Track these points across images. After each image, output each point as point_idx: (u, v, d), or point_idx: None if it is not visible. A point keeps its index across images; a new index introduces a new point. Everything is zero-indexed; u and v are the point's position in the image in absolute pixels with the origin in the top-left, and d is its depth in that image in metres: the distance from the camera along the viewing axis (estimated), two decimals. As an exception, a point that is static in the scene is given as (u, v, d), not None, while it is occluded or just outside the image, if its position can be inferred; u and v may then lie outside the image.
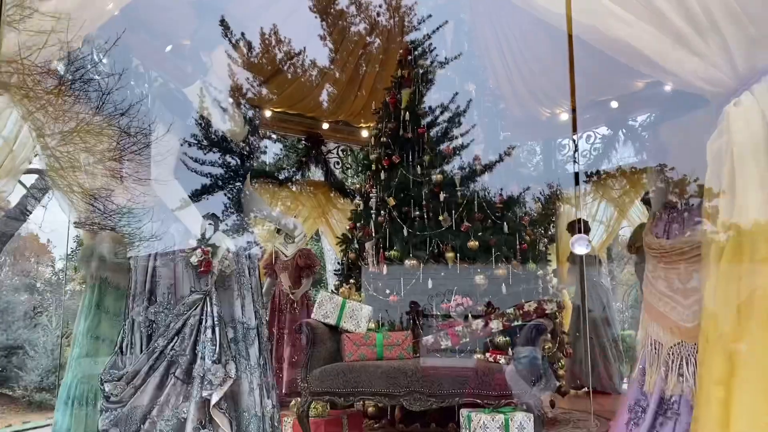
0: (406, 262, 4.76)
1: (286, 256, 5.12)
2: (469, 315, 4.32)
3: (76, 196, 3.23)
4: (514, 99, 6.62)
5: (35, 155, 3.25)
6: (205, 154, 2.96)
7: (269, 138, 7.77)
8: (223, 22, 5.67)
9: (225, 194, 2.93)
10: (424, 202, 5.04)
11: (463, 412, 3.69)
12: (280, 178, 7.12)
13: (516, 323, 4.00)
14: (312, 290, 5.88)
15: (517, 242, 4.87)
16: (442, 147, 5.41)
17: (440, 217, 4.92)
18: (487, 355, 3.96)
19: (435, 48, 5.88)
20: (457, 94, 5.68)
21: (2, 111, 2.78)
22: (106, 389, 2.46)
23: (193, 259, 2.50)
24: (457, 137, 5.56)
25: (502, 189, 5.32)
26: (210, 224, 2.62)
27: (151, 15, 5.51)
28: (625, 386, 6.28)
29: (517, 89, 6.61)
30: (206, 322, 2.50)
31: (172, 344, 2.46)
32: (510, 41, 6.32)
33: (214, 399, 2.41)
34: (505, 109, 6.15)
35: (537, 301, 4.15)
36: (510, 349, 3.91)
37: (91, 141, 3.28)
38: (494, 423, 3.46)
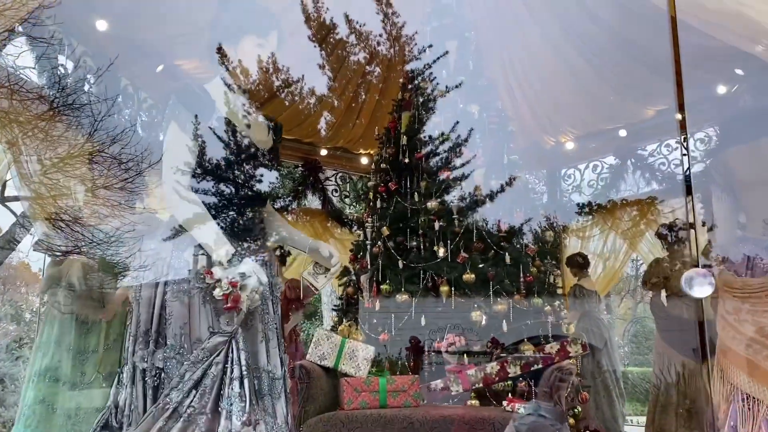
0: (397, 296, 4.49)
1: (316, 290, 4.84)
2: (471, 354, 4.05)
3: (62, 224, 3.05)
4: (518, 125, 6.50)
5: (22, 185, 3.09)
6: (233, 164, 2.42)
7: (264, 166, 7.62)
8: (220, 50, 5.60)
9: (240, 217, 2.39)
10: (420, 232, 4.83)
11: None
12: (276, 206, 6.94)
13: (535, 367, 3.70)
14: (303, 324, 5.59)
15: (521, 274, 4.65)
16: (442, 175, 5.22)
17: (435, 248, 4.71)
18: (504, 404, 3.61)
19: (435, 78, 5.77)
20: (458, 123, 5.55)
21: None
22: None
23: (218, 293, 1.98)
24: (457, 167, 5.42)
25: (500, 219, 5.14)
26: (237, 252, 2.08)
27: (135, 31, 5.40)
28: (626, 428, 6.04)
29: (521, 114, 6.49)
30: (232, 372, 1.99)
31: (189, 400, 1.94)
32: (515, 63, 6.22)
33: None
34: (512, 132, 6.00)
35: (560, 342, 3.84)
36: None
37: (82, 168, 3.13)
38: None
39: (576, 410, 3.77)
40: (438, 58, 5.74)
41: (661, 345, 4.74)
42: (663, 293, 4.72)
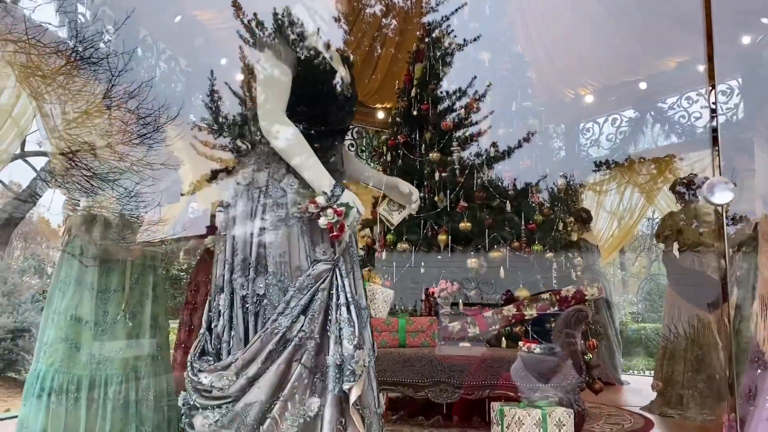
0: (398, 245, 4.60)
1: (391, 226, 4.88)
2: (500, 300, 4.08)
3: (81, 179, 3.10)
4: (537, 77, 6.39)
5: (44, 138, 3.12)
6: (326, 95, 2.22)
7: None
8: (234, 3, 5.52)
9: (330, 150, 2.24)
10: (425, 183, 4.85)
11: (495, 405, 3.39)
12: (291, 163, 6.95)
13: (552, 310, 3.75)
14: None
15: (523, 222, 4.64)
16: (446, 127, 5.16)
17: (435, 198, 4.73)
18: (521, 344, 3.67)
19: (453, 30, 5.66)
20: (475, 78, 5.47)
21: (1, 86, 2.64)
22: (206, 381, 1.94)
23: (323, 221, 1.95)
24: (474, 123, 5.38)
25: (515, 176, 5.12)
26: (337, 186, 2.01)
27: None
28: (624, 377, 6.15)
29: (540, 66, 6.36)
30: (338, 298, 1.99)
31: (299, 325, 1.94)
32: (533, 11, 6.06)
33: (354, 394, 1.91)
34: (530, 78, 5.89)
35: (576, 285, 3.87)
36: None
37: (101, 123, 3.15)
38: (531, 419, 3.16)
39: (588, 356, 3.84)
40: (456, 10, 5.62)
41: (672, 297, 4.78)
42: (675, 246, 4.73)
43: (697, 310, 4.48)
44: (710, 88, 2.29)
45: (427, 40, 5.55)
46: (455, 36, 5.62)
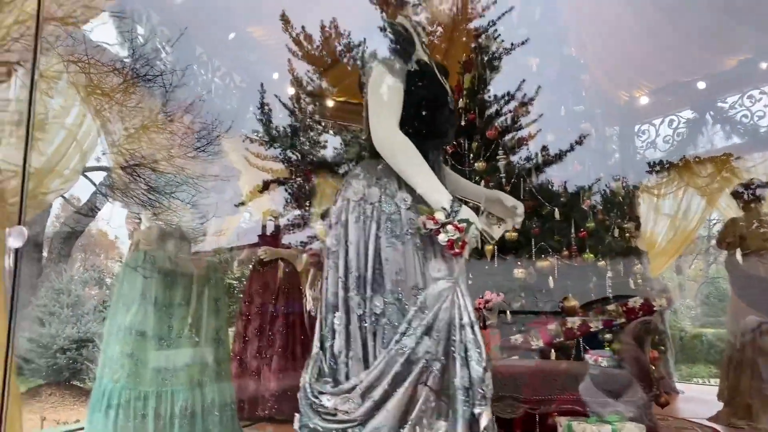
0: None
1: (491, 240, 4.83)
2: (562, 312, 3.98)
3: (140, 193, 3.18)
4: (589, 80, 6.27)
5: (103, 153, 3.22)
6: (434, 107, 2.16)
7: (327, 132, 7.69)
8: (283, 17, 5.62)
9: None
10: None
11: (561, 420, 3.26)
12: (341, 172, 7.00)
13: (618, 321, 3.62)
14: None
15: (572, 230, 4.51)
16: (491, 136, 5.07)
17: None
18: (587, 356, 3.54)
19: (500, 35, 5.61)
20: (524, 81, 5.40)
21: (67, 106, 2.73)
22: (329, 404, 1.90)
23: (443, 238, 1.87)
24: (522, 126, 5.30)
25: (566, 180, 5.00)
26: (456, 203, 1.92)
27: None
28: (683, 386, 5.96)
29: (591, 69, 6.26)
30: (461, 318, 1.91)
31: (423, 346, 1.87)
32: (586, 15, 5.95)
33: (486, 419, 1.84)
34: (584, 81, 5.77)
35: (643, 296, 3.72)
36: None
37: (157, 138, 3.24)
38: (601, 434, 3.04)
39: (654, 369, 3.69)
40: (503, 14, 5.57)
41: (736, 303, 4.59)
42: (738, 252, 4.56)
43: (764, 317, 4.30)
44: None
45: (473, 45, 5.51)
46: (503, 40, 5.56)
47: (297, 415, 2.01)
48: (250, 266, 4.66)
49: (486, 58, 5.45)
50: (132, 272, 3.15)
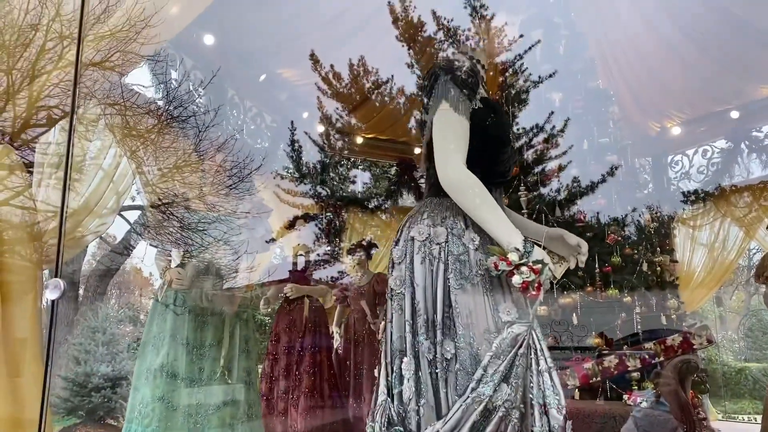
0: None
1: (555, 279, 4.82)
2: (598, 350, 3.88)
3: (173, 230, 3.23)
4: (620, 112, 6.22)
5: (137, 192, 3.28)
6: (499, 144, 2.14)
7: (357, 167, 7.74)
8: (312, 56, 5.75)
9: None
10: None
11: None
12: (370, 206, 7.02)
13: (657, 360, 3.52)
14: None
15: (596, 264, 4.41)
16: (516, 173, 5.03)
17: None
18: (625, 397, 3.48)
19: (527, 68, 5.63)
20: (552, 113, 5.39)
21: (104, 148, 2.81)
22: None
23: (517, 279, 1.81)
24: (546, 160, 5.26)
25: (598, 211, 4.93)
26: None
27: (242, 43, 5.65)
28: (722, 423, 5.78)
29: (622, 100, 6.22)
30: (538, 363, 1.85)
31: (502, 394, 1.80)
32: (612, 46, 5.95)
33: None
34: (613, 113, 5.72)
35: (682, 333, 3.62)
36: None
37: (190, 177, 3.30)
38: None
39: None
40: (530, 48, 5.60)
41: (779, 338, 4.43)
42: (776, 286, 4.41)
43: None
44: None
45: (501, 79, 5.53)
46: (530, 74, 5.58)
47: None
48: (277, 304, 4.64)
49: (513, 92, 5.47)
50: (162, 312, 3.12)
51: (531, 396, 1.81)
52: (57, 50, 2.52)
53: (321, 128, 5.96)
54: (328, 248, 5.95)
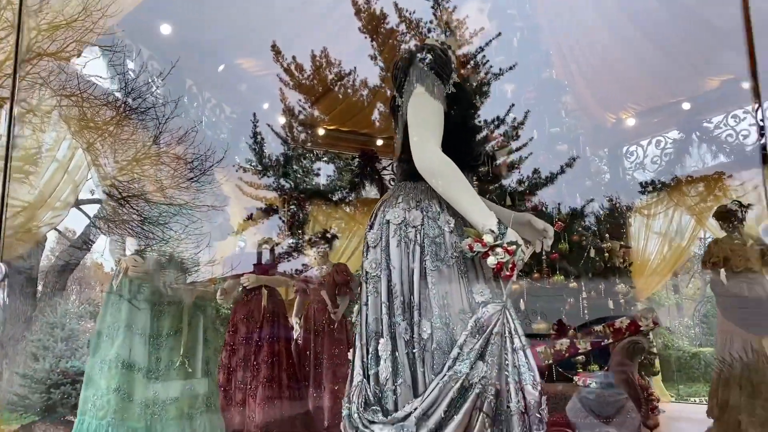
0: None
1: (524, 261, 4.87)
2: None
3: (134, 224, 3.19)
4: (576, 104, 6.34)
5: (96, 185, 3.23)
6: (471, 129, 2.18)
7: (321, 159, 7.73)
8: (274, 47, 5.71)
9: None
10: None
11: None
12: (334, 199, 7.02)
13: (606, 342, 3.63)
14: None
15: (543, 252, 4.52)
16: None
17: None
18: (576, 378, 3.56)
19: (488, 61, 5.70)
20: (513, 105, 5.48)
21: (59, 139, 2.77)
22: None
23: (491, 261, 1.83)
24: (513, 150, 5.35)
25: (559, 202, 5.03)
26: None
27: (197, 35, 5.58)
28: (676, 405, 5.97)
29: (578, 92, 6.35)
30: (512, 342, 1.88)
31: (478, 371, 1.84)
32: (568, 39, 6.06)
33: None
34: (567, 106, 5.82)
35: (629, 316, 3.74)
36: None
37: (150, 170, 3.27)
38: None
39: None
40: (490, 41, 5.66)
41: (723, 323, 4.62)
42: (722, 272, 4.59)
43: (748, 335, 4.32)
44: (756, 105, 2.24)
45: (462, 71, 5.59)
46: (491, 66, 5.65)
47: None
48: (234, 296, 4.60)
49: (475, 84, 5.53)
50: (116, 302, 3.05)
51: (507, 373, 1.85)
52: (9, 40, 2.47)
53: (283, 120, 5.93)
54: (292, 241, 5.92)
